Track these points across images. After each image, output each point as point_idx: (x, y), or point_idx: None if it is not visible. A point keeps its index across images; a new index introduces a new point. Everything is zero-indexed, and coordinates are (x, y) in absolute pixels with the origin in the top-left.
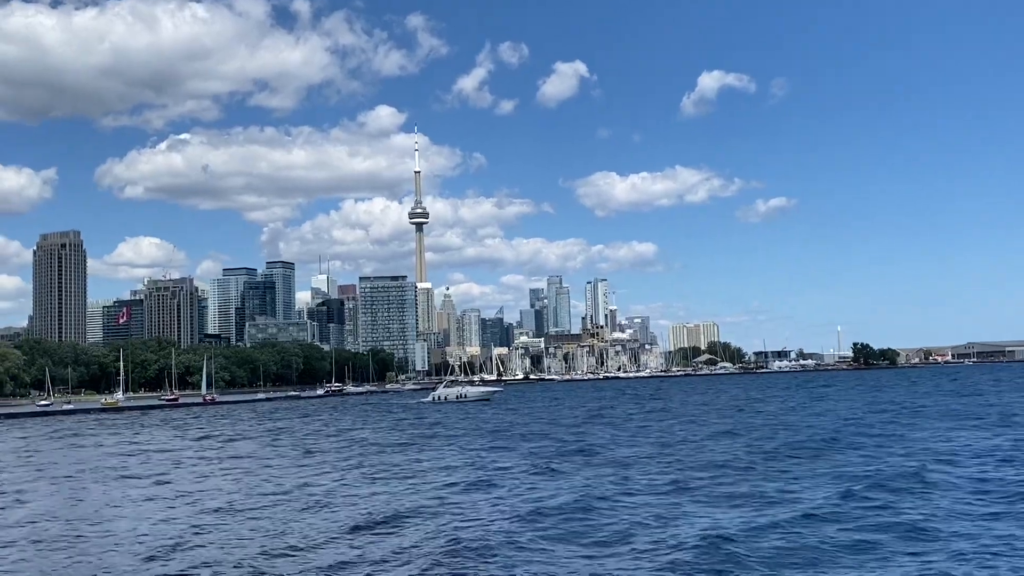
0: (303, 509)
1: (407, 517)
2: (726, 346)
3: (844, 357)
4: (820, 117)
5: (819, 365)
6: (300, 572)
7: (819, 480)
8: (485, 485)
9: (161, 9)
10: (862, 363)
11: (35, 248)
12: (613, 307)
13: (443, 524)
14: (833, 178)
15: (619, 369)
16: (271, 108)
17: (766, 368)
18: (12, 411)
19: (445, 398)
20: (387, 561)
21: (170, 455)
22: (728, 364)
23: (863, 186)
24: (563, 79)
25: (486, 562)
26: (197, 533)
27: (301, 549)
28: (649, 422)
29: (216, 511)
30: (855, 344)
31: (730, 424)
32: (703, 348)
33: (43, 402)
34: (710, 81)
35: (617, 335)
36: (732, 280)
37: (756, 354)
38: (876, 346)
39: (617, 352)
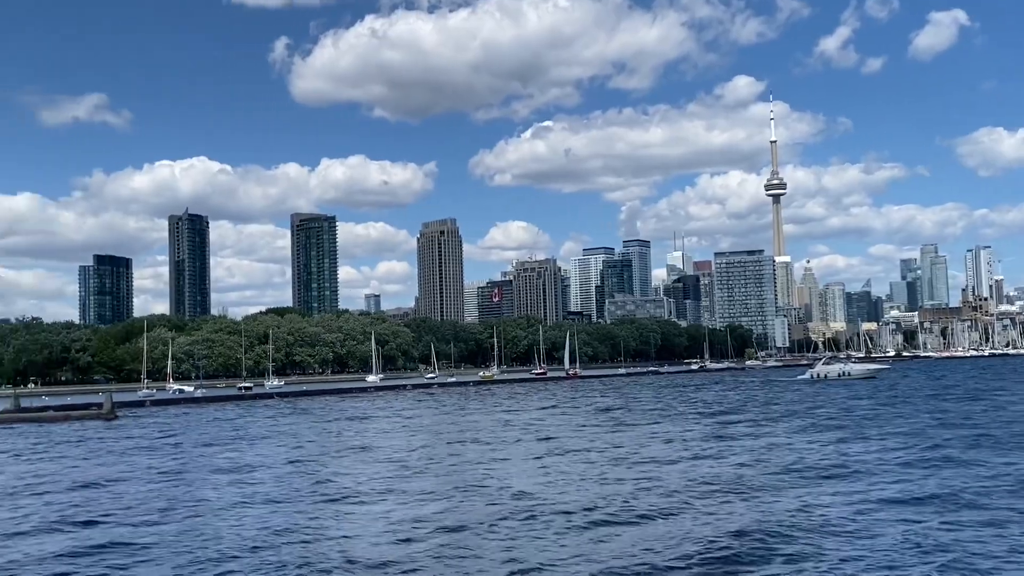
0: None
1: None
2: None
3: None
4: None
5: None
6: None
7: None
8: None
9: (526, 2)
10: None
11: (418, 236)
12: (999, 277)
13: None
14: None
15: (1007, 345)
16: (628, 89)
17: None
18: (405, 382)
19: (825, 376)
20: None
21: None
22: None
23: None
24: (939, 30)
25: None
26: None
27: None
28: None
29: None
30: None
31: None
32: None
33: (430, 375)
34: None
35: (1005, 307)
36: None
37: None
38: None
39: (1005, 327)
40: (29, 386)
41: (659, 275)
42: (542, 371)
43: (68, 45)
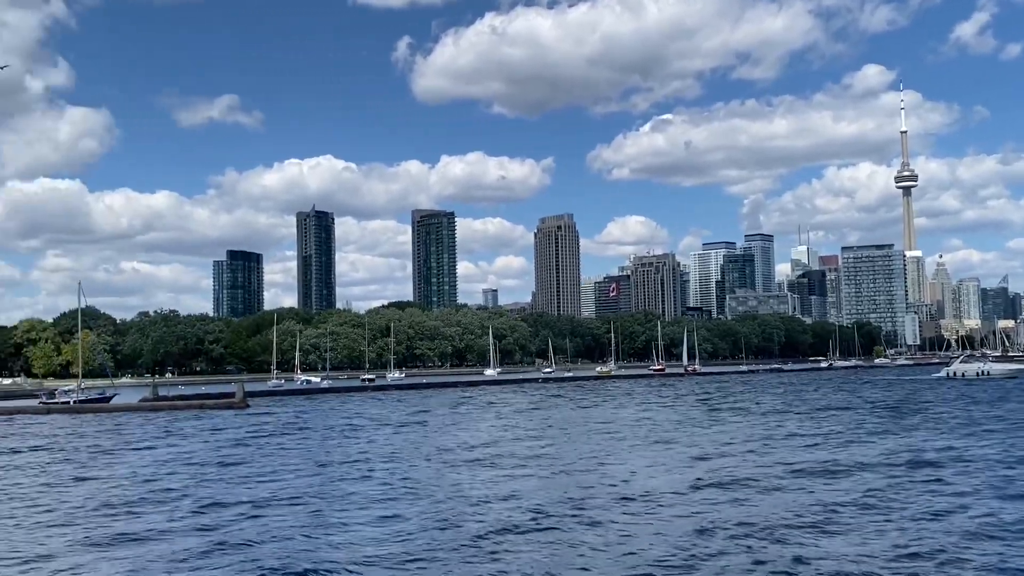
0: None
1: None
2: None
3: None
4: None
5: None
6: None
7: None
8: None
9: None
10: None
11: (535, 231)
12: None
13: None
14: None
15: None
16: (752, 80)
17: None
18: (522, 376)
19: (962, 375)
20: None
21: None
22: None
23: None
24: None
25: None
26: None
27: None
28: None
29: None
30: None
31: None
32: None
33: (547, 369)
34: None
35: None
36: None
37: None
38: None
39: None
40: (166, 375)
41: (782, 270)
42: (660, 367)
43: (203, 49)
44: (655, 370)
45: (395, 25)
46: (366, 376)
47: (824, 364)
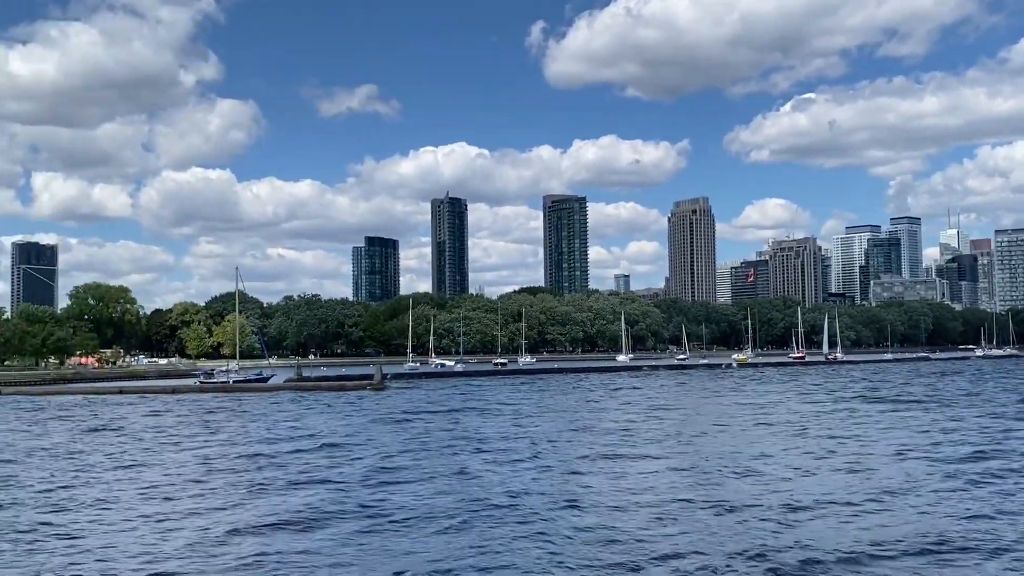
0: None
1: None
2: None
3: None
4: None
5: None
6: None
7: None
8: None
9: None
10: None
11: (670, 215)
12: None
13: None
14: None
15: None
16: (899, 56)
17: None
18: (655, 362)
19: None
20: None
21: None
22: None
23: None
24: None
25: None
26: None
27: None
28: None
29: None
30: None
31: None
32: None
33: (680, 356)
34: None
35: None
36: None
37: None
38: None
39: None
40: (309, 357)
41: (931, 255)
42: (800, 355)
43: (343, 40)
44: (795, 358)
45: (528, 10)
46: (498, 360)
47: (978, 353)
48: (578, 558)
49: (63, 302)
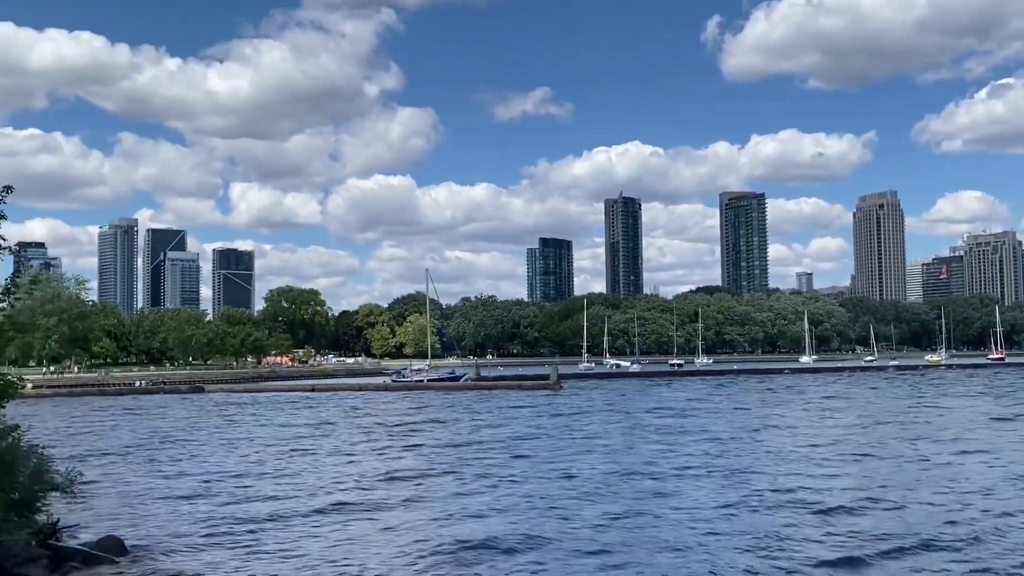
0: None
1: None
2: None
3: None
4: None
5: None
6: None
7: None
8: None
9: None
10: None
11: (855, 210)
12: None
13: None
14: None
15: None
16: None
17: None
18: (841, 364)
19: None
20: None
21: None
22: None
23: None
24: None
25: None
26: None
27: None
28: None
29: None
30: None
31: None
32: None
33: (868, 358)
34: None
35: None
36: None
37: None
38: None
39: None
40: (487, 356)
41: None
42: (1000, 356)
43: (517, 45)
44: (994, 359)
45: (704, 5)
46: (675, 361)
47: None
48: None
49: (259, 305)
